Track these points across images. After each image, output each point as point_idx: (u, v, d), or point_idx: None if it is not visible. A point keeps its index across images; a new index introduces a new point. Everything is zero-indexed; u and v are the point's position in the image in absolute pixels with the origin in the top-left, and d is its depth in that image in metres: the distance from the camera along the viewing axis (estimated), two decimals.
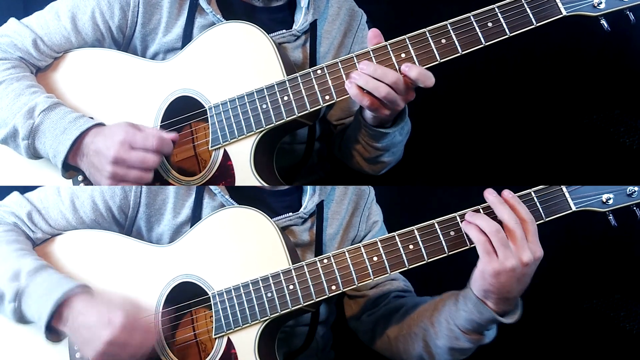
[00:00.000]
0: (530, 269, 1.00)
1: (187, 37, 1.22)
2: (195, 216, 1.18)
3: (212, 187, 1.18)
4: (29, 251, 1.13)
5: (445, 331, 1.10)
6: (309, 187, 1.24)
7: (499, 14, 1.07)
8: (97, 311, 1.03)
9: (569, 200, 1.05)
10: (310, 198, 1.23)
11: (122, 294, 1.06)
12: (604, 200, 1.04)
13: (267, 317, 1.09)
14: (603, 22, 1.06)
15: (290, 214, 1.21)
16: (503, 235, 0.98)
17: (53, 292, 1.04)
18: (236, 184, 1.15)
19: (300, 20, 1.27)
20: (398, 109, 1.11)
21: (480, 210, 1.05)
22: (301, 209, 1.22)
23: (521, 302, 1.07)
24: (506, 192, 1.03)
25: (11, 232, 1.14)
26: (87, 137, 1.11)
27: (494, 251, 0.99)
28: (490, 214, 1.03)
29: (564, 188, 1.05)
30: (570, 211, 1.05)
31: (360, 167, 1.34)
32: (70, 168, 1.14)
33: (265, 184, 1.14)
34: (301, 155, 1.33)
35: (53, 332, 1.07)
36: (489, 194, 1.03)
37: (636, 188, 1.04)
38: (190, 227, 1.16)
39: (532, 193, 1.05)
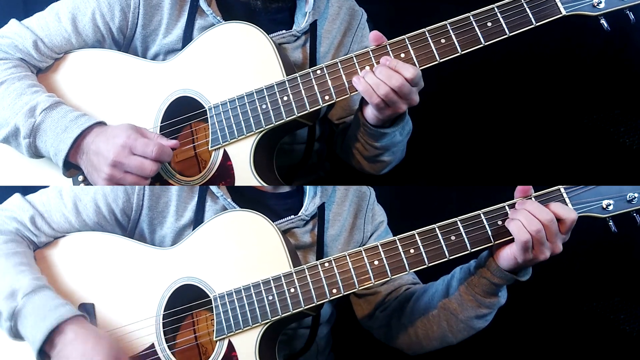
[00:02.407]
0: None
1: (187, 38, 1.22)
2: (198, 219, 1.18)
3: (214, 190, 1.18)
4: (28, 266, 1.12)
5: (466, 302, 1.12)
6: (309, 189, 1.24)
7: (498, 14, 1.07)
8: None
9: (569, 206, 1.05)
10: (311, 200, 1.23)
11: (113, 335, 1.08)
12: (604, 206, 1.04)
13: (268, 320, 1.09)
14: (603, 21, 1.06)
15: (292, 216, 1.21)
16: (543, 234, 1.02)
17: (47, 318, 1.04)
18: (236, 184, 1.15)
19: (303, 24, 1.27)
20: (399, 111, 1.11)
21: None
22: (302, 211, 1.22)
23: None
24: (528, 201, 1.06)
25: (11, 244, 1.13)
26: (89, 137, 1.11)
27: (530, 247, 1.02)
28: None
29: (564, 194, 1.05)
30: None
31: (361, 166, 1.34)
32: (71, 166, 1.14)
33: (265, 184, 1.14)
34: (301, 155, 1.33)
35: (45, 356, 1.06)
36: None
37: (636, 194, 1.04)
38: (193, 230, 1.16)
39: (533, 198, 1.05)
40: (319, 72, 1.12)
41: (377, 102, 1.08)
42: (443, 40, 1.08)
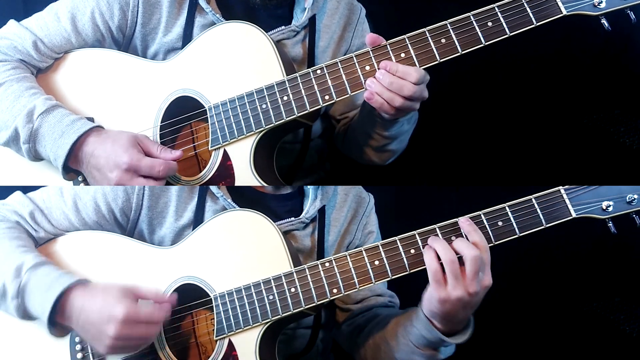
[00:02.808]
0: (477, 297, 1.02)
1: (187, 36, 1.22)
2: (198, 219, 1.17)
3: (214, 190, 1.18)
4: (31, 248, 1.13)
5: (402, 346, 1.12)
6: (310, 191, 1.24)
7: (498, 14, 1.07)
8: (97, 308, 1.03)
9: (569, 206, 1.05)
10: (312, 203, 1.23)
11: (120, 286, 1.06)
12: (604, 208, 1.04)
13: (269, 320, 1.09)
14: (604, 21, 1.06)
15: (292, 218, 1.21)
16: (457, 266, 1.00)
17: (53, 288, 1.04)
18: (236, 184, 1.15)
19: (302, 19, 1.27)
20: (414, 109, 1.14)
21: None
22: (303, 214, 1.22)
23: (473, 321, 1.08)
24: (462, 220, 1.05)
25: (14, 229, 1.14)
26: (87, 145, 1.10)
27: (444, 280, 1.01)
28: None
29: (564, 195, 1.05)
30: (571, 218, 1.05)
31: (368, 157, 1.34)
32: (71, 171, 1.14)
33: (265, 184, 1.14)
34: (301, 154, 1.33)
35: (57, 326, 1.07)
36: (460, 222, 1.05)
37: (636, 195, 1.04)
38: (193, 230, 1.16)
39: (533, 199, 1.05)
40: (319, 71, 1.11)
41: (393, 112, 1.10)
42: (443, 40, 1.08)
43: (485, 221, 1.06)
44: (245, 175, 1.14)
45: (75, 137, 1.09)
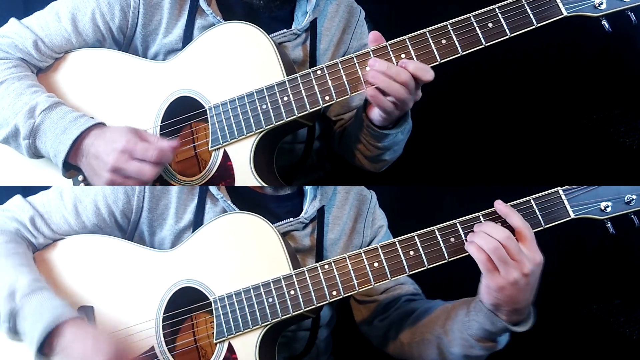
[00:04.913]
0: (534, 276, 1.01)
1: (187, 38, 1.22)
2: (197, 221, 1.17)
3: (214, 192, 1.18)
4: (28, 266, 1.11)
5: (459, 340, 1.11)
6: (309, 191, 1.23)
7: (499, 15, 1.07)
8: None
9: (568, 207, 1.05)
10: (311, 203, 1.23)
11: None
12: (602, 208, 1.05)
13: (268, 322, 1.09)
14: (604, 22, 1.06)
15: (292, 219, 1.21)
16: (502, 252, 1.00)
17: (45, 319, 1.03)
18: (236, 184, 1.15)
19: (304, 22, 1.27)
20: (406, 109, 1.12)
21: (481, 218, 1.06)
22: (302, 214, 1.22)
23: (534, 310, 1.08)
24: (497, 204, 1.05)
25: (11, 244, 1.13)
26: (88, 139, 1.10)
27: (495, 268, 1.01)
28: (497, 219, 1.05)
29: (562, 195, 1.05)
30: (569, 218, 1.05)
31: (362, 165, 1.34)
32: (71, 167, 1.13)
33: (265, 184, 1.14)
34: (301, 155, 1.33)
35: (44, 356, 1.05)
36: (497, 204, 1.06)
37: (634, 196, 1.04)
38: (192, 232, 1.16)
39: (532, 200, 1.06)
40: (319, 72, 1.11)
41: (389, 107, 1.09)
42: (444, 41, 1.08)
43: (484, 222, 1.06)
44: (245, 176, 1.14)
45: (78, 133, 1.09)
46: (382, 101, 1.09)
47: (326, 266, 1.09)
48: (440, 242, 1.06)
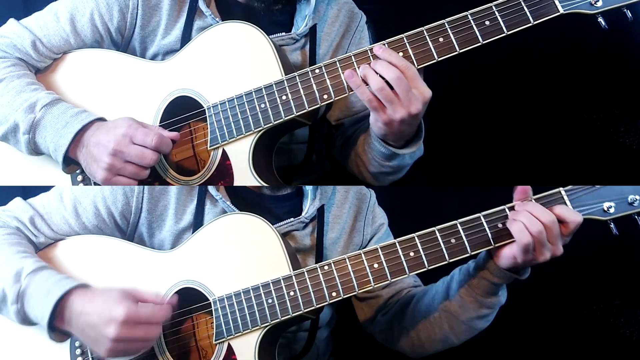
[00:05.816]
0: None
1: (185, 39, 1.22)
2: (197, 222, 1.18)
3: (213, 193, 1.18)
4: (31, 253, 1.13)
5: (468, 304, 1.12)
6: (309, 191, 1.24)
7: (496, 13, 1.07)
8: (97, 310, 1.02)
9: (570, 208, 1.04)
10: (311, 202, 1.23)
11: (120, 289, 1.06)
12: (605, 209, 1.04)
13: (268, 323, 1.09)
14: (600, 19, 1.06)
15: (292, 219, 1.21)
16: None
17: (52, 292, 1.04)
18: (235, 184, 1.15)
19: (303, 27, 1.27)
20: (394, 116, 1.10)
21: (482, 218, 1.06)
22: (302, 214, 1.22)
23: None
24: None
25: (14, 235, 1.14)
26: (89, 131, 1.11)
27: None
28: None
29: (564, 196, 1.05)
30: None
31: (363, 177, 1.33)
32: (71, 162, 1.14)
33: (264, 184, 1.14)
34: (300, 155, 1.33)
35: (57, 332, 1.07)
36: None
37: (638, 196, 1.03)
38: (192, 233, 1.16)
39: (533, 201, 1.05)
40: (317, 71, 1.12)
41: (375, 103, 1.08)
42: (441, 39, 1.08)
43: (485, 223, 1.06)
44: (244, 175, 1.14)
45: (79, 126, 1.10)
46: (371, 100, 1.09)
47: (326, 267, 1.08)
48: (441, 243, 1.06)
